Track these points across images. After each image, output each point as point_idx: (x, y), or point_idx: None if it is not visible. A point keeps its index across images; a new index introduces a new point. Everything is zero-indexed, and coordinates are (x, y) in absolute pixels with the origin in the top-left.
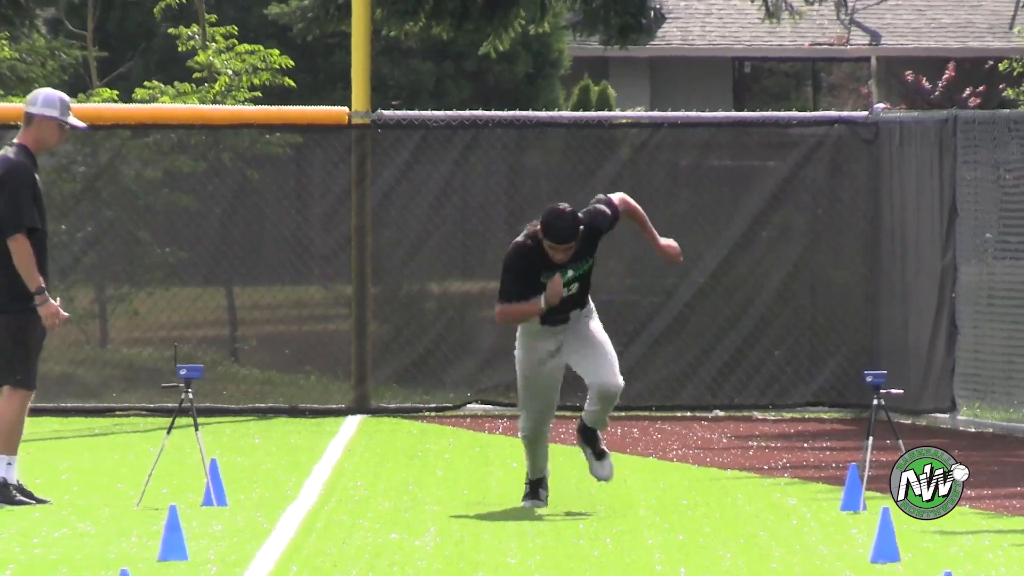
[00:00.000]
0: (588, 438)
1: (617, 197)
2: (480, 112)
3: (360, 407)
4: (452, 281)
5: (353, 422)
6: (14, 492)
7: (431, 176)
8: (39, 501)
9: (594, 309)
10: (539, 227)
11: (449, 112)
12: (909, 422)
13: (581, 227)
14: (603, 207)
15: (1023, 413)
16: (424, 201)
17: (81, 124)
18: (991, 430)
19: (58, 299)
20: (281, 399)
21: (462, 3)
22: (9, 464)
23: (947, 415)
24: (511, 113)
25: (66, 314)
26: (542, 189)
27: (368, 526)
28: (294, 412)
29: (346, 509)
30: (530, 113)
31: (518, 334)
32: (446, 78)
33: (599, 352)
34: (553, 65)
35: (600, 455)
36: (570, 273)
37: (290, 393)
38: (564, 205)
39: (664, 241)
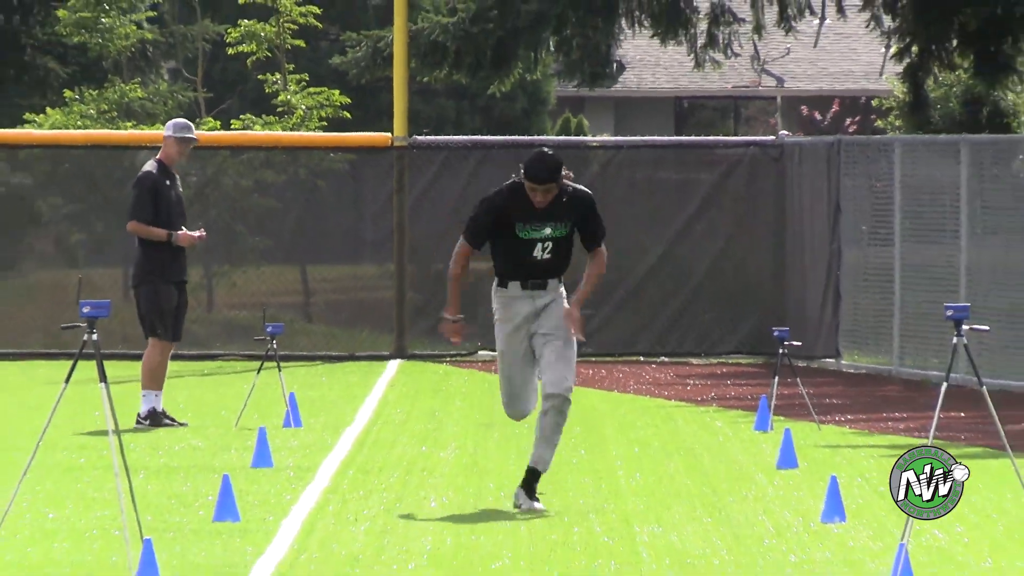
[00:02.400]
0: (527, 480)
1: (604, 247)
2: (488, 137)
3: (399, 354)
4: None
5: (394, 365)
6: (162, 417)
7: (452, 185)
8: (179, 424)
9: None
10: (522, 170)
11: (465, 137)
12: (804, 365)
13: (563, 173)
14: (597, 220)
15: (889, 359)
16: (447, 203)
17: (192, 136)
18: (865, 371)
19: (183, 230)
20: (341, 348)
21: (476, 58)
22: (156, 396)
23: (833, 360)
24: (511, 138)
25: (196, 233)
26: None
27: (405, 442)
28: (351, 358)
29: (389, 430)
30: (525, 138)
31: (495, 307)
32: (463, 112)
33: (561, 353)
34: (542, 103)
35: (533, 497)
36: (547, 231)
37: (348, 344)
38: (548, 150)
39: (576, 312)
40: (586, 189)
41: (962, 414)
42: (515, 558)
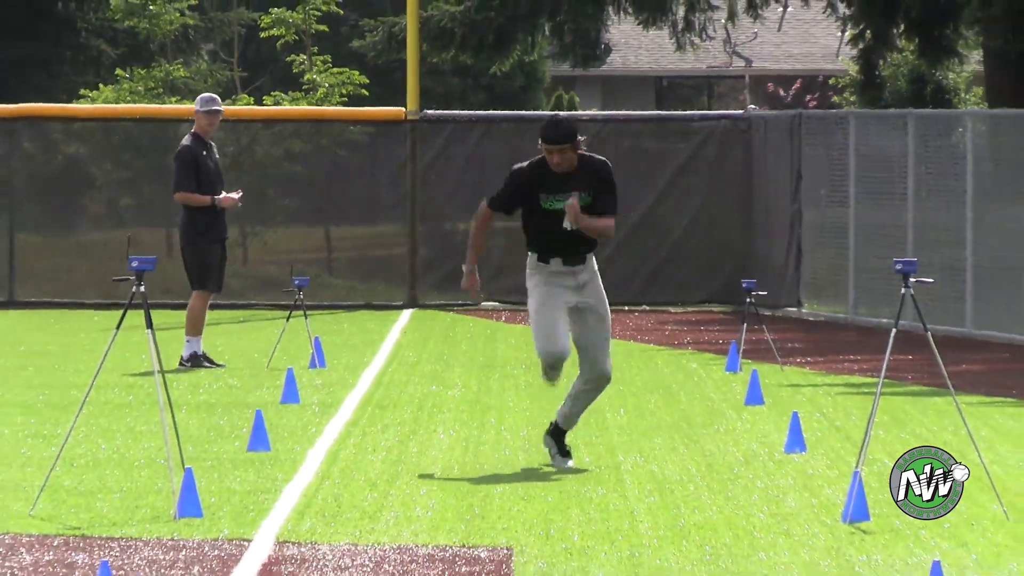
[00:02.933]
0: (556, 436)
1: (613, 221)
2: (490, 111)
3: (412, 304)
4: (472, 221)
5: (407, 314)
6: (202, 360)
7: (458, 154)
8: (217, 365)
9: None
10: (539, 136)
11: (470, 112)
12: (770, 313)
13: (577, 137)
14: (612, 189)
15: (845, 308)
16: (454, 170)
17: (218, 108)
18: (823, 319)
19: (223, 194)
20: (360, 299)
21: (479, 41)
22: (197, 341)
23: (795, 309)
24: (511, 112)
25: (235, 195)
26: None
27: (417, 381)
28: (368, 307)
29: (403, 371)
30: (523, 112)
31: (534, 278)
32: (468, 89)
33: (604, 338)
34: (538, 81)
35: (565, 453)
36: (571, 200)
37: (366, 295)
38: (562, 115)
39: (582, 217)
40: (604, 159)
41: (909, 356)
42: (513, 483)
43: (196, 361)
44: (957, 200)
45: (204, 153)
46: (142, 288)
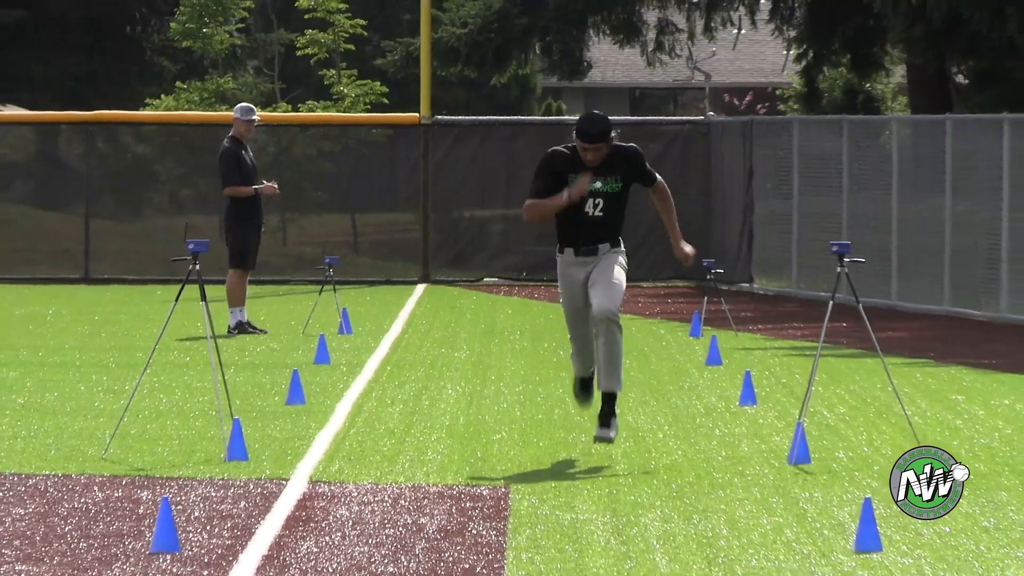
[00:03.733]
0: (603, 407)
1: (660, 178)
2: (491, 117)
3: (424, 280)
4: (475, 210)
5: (421, 288)
6: (247, 327)
7: (464, 153)
8: (260, 331)
9: (624, 252)
10: (575, 132)
11: (473, 117)
12: (726, 288)
13: (612, 133)
14: (646, 164)
15: (789, 283)
16: (460, 167)
17: (254, 117)
18: (771, 292)
19: (263, 183)
20: (381, 275)
21: (480, 58)
22: (241, 311)
23: (748, 284)
24: (508, 118)
25: (273, 184)
26: (525, 159)
27: (429, 345)
28: (388, 282)
29: (417, 336)
30: (518, 118)
31: (558, 265)
32: (472, 98)
33: (608, 281)
34: (531, 91)
35: (605, 424)
36: (598, 184)
37: (386, 272)
38: (598, 112)
39: (685, 246)
40: (632, 144)
41: (844, 324)
42: (510, 432)
43: (241, 328)
44: (884, 193)
45: (243, 152)
46: (197, 267)
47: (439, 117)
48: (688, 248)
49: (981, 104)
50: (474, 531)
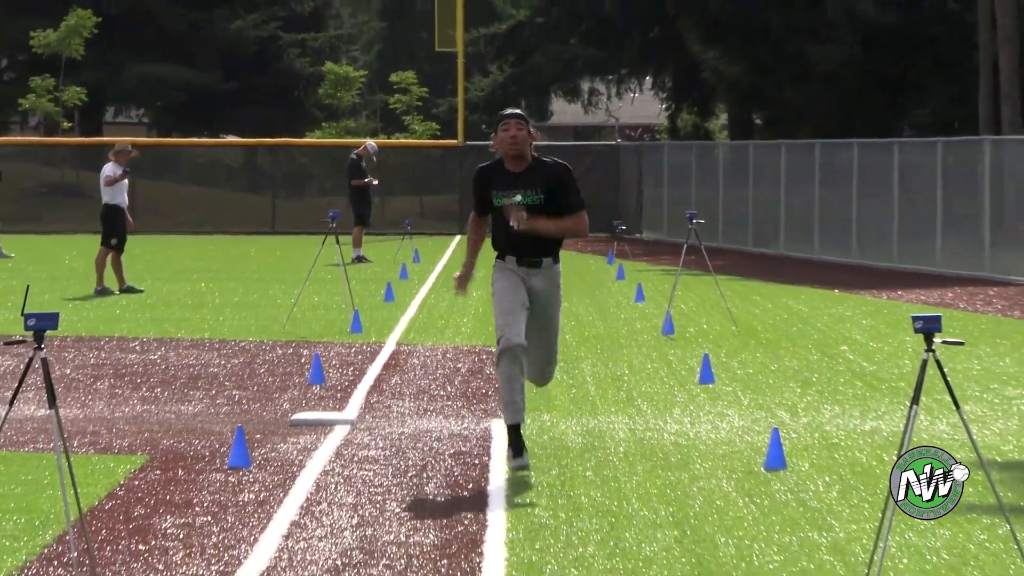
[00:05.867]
0: (510, 437)
1: (584, 213)
2: None
3: (460, 232)
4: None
5: (457, 238)
6: (363, 259)
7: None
8: (369, 261)
9: (560, 274)
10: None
11: (488, 142)
12: (628, 236)
13: (529, 125)
14: (575, 184)
15: (662, 234)
16: None
17: (375, 148)
18: (652, 240)
19: (371, 180)
20: (435, 230)
21: (490, 108)
22: (359, 250)
23: (640, 234)
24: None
25: (374, 180)
26: None
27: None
28: (439, 234)
29: (454, 264)
30: None
31: (495, 269)
32: (489, 130)
33: (547, 347)
34: None
35: (518, 451)
36: (518, 197)
37: (438, 228)
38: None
39: (527, 221)
40: (562, 161)
41: (692, 258)
42: None
43: (359, 259)
44: (713, 183)
45: (361, 163)
46: (334, 226)
47: (469, 143)
48: (523, 221)
49: (767, 136)
50: (488, 371)
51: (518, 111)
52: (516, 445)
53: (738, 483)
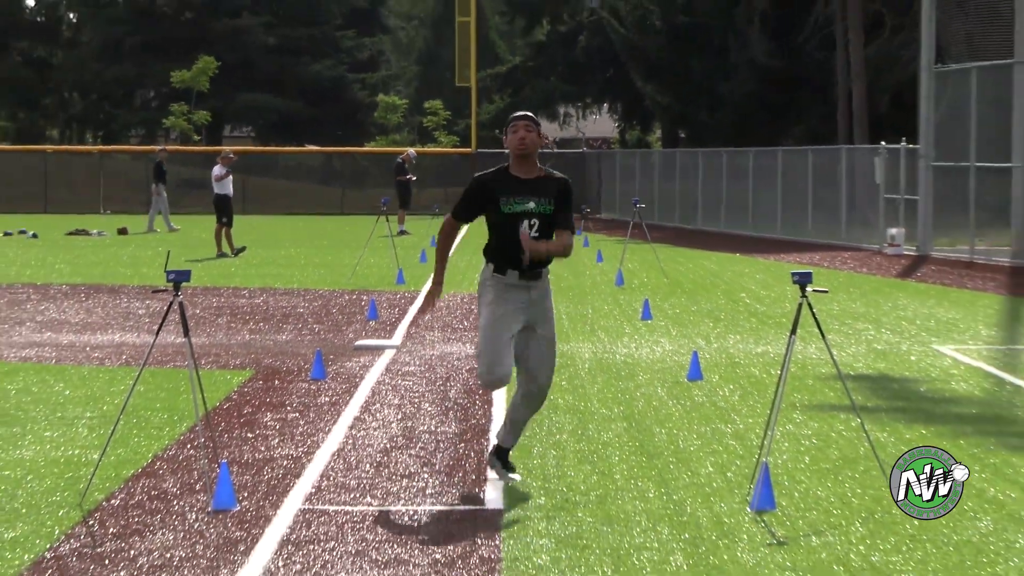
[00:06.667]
0: (499, 455)
1: (572, 239)
2: (502, 150)
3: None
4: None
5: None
6: (405, 232)
7: (494, 166)
8: (409, 233)
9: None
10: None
11: (496, 150)
12: (592, 217)
13: (538, 127)
14: (571, 203)
15: (616, 214)
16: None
17: (415, 155)
18: (609, 218)
19: (412, 176)
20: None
21: (496, 127)
22: (403, 225)
23: (601, 214)
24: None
25: (413, 177)
26: None
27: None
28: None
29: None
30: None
31: (487, 291)
32: (497, 141)
33: (548, 363)
34: None
35: (510, 468)
36: (531, 204)
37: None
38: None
39: (539, 245)
40: (567, 177)
41: (636, 231)
42: None
43: (403, 233)
44: (651, 179)
45: (404, 164)
46: (384, 209)
47: (481, 150)
48: (539, 246)
49: (689, 145)
50: None
51: (528, 113)
52: (505, 461)
53: (669, 390)
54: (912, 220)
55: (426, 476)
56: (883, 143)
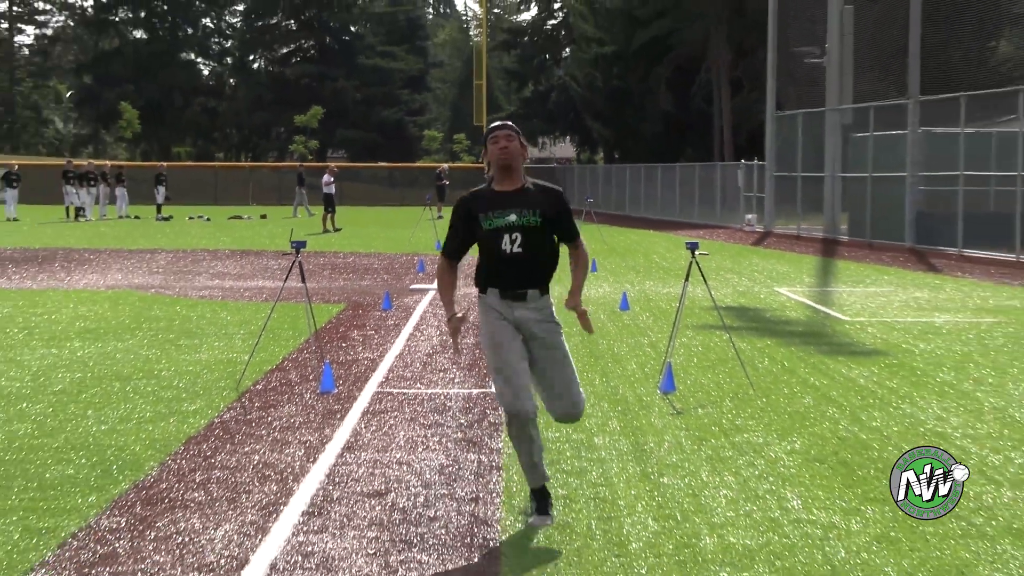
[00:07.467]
0: (536, 497)
1: (582, 240)
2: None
3: None
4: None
5: None
6: (440, 218)
7: None
8: (441, 216)
9: (552, 306)
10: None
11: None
12: (578, 212)
13: (519, 136)
14: (570, 212)
15: (576, 207)
16: None
17: (447, 168)
18: (594, 212)
19: (445, 180)
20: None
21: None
22: (440, 213)
23: (583, 209)
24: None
25: (446, 182)
26: None
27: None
28: None
29: None
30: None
31: (480, 313)
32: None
33: (570, 377)
34: None
35: (543, 509)
36: (512, 217)
37: None
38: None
39: (579, 306)
40: (554, 186)
41: (588, 219)
42: None
43: (440, 218)
44: (597, 184)
45: (443, 175)
46: (428, 202)
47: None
48: (580, 307)
49: (623, 162)
50: None
51: (508, 122)
52: (542, 505)
53: (607, 316)
54: (761, 209)
55: (455, 371)
56: (743, 161)
